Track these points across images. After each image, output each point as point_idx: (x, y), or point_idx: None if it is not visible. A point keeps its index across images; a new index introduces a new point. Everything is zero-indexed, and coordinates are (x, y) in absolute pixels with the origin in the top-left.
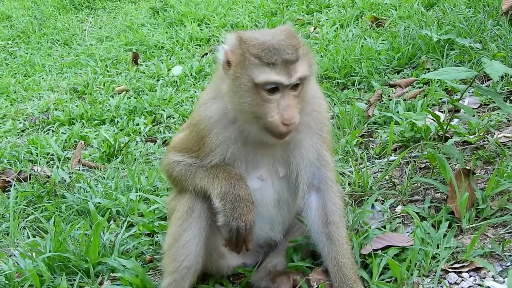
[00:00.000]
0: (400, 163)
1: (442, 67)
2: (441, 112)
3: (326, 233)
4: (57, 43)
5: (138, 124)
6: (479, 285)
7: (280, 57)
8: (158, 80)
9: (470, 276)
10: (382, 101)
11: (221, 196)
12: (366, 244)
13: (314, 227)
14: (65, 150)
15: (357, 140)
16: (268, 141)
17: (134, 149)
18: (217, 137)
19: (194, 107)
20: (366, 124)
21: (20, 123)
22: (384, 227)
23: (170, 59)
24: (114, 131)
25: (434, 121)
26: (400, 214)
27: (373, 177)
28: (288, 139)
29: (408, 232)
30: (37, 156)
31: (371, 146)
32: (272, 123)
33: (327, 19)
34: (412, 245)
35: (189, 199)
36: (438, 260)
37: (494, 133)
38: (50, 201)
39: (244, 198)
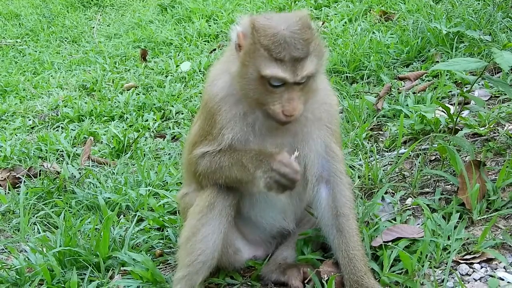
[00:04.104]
0: (410, 155)
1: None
2: (451, 104)
3: (336, 225)
4: (65, 40)
5: (147, 120)
6: (490, 276)
7: (289, 53)
8: (166, 76)
9: (482, 267)
10: (391, 94)
11: (264, 184)
12: (376, 236)
13: (324, 220)
14: (75, 146)
15: (366, 133)
16: (273, 124)
17: (144, 144)
18: (226, 114)
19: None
20: (375, 118)
21: (30, 120)
22: (395, 219)
23: (178, 55)
24: (123, 127)
25: (444, 113)
26: (410, 206)
27: (383, 170)
28: (293, 128)
29: (418, 224)
30: (46, 152)
31: (380, 139)
32: (273, 111)
33: (335, 14)
34: (422, 237)
35: (211, 195)
36: (449, 252)
37: (505, 125)
38: (60, 197)
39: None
